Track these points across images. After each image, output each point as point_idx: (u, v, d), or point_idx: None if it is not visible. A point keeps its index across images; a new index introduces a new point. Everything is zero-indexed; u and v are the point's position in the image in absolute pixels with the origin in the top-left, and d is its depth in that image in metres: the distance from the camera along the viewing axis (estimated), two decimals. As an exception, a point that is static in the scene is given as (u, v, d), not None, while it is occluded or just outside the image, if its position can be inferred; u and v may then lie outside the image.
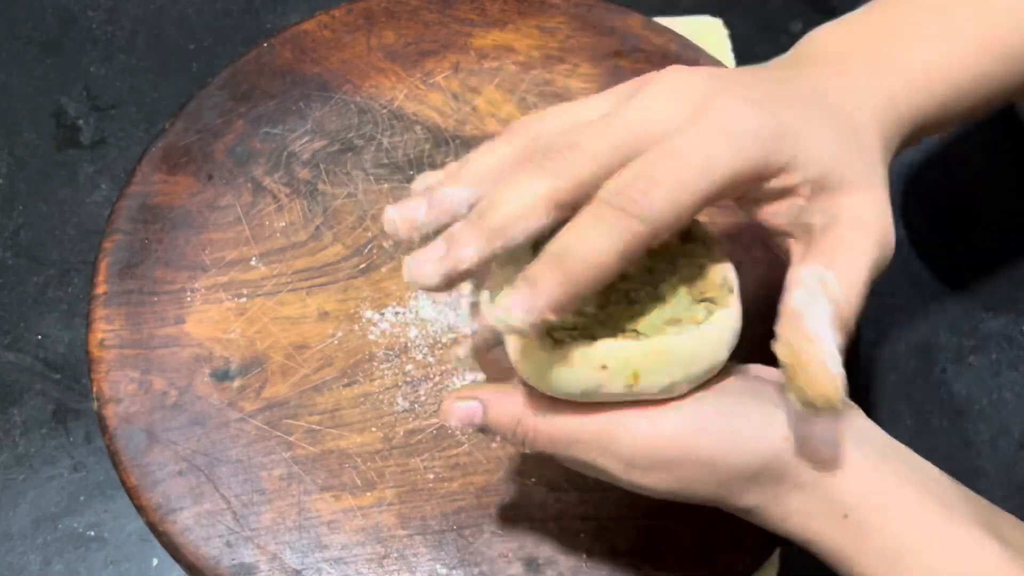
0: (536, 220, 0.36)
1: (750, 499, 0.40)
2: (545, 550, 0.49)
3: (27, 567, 0.52)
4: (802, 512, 0.40)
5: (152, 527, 0.50)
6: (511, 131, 0.40)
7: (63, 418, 0.56)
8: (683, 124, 0.37)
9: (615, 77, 0.58)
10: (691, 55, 0.60)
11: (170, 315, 0.54)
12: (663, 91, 0.38)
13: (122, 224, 0.56)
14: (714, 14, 0.66)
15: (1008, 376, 0.58)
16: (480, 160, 0.40)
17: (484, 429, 0.41)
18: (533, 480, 0.50)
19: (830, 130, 0.39)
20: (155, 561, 0.52)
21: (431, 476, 0.51)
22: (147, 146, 0.59)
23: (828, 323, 0.36)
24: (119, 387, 0.52)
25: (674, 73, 0.38)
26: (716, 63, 0.60)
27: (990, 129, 0.64)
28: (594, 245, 0.35)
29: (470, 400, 0.41)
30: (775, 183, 0.38)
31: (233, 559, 0.49)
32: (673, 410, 0.39)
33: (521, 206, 0.36)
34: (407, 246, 0.40)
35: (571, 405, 0.39)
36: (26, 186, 0.62)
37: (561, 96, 0.59)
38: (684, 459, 0.39)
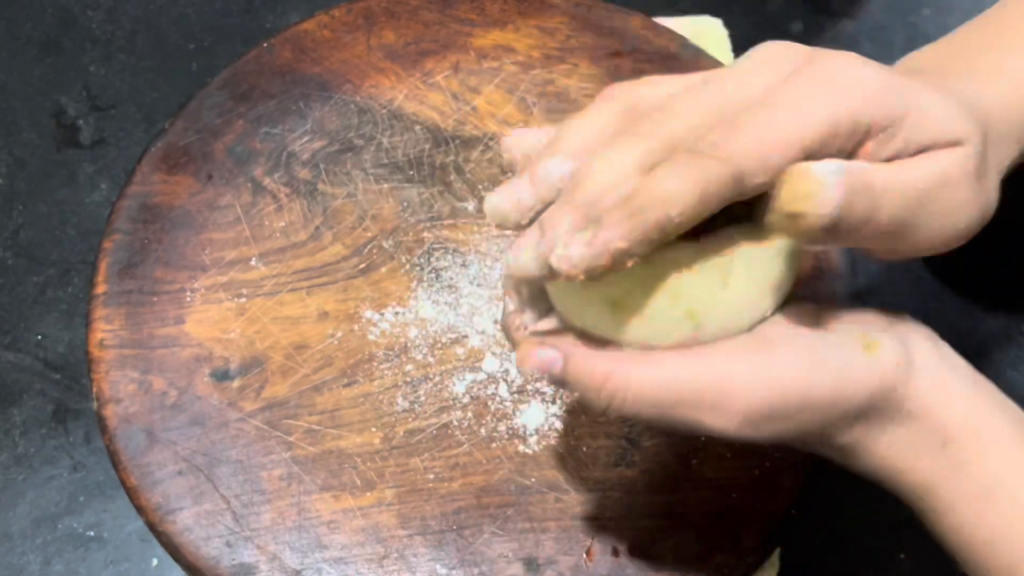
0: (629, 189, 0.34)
1: (851, 436, 0.38)
2: (545, 550, 0.49)
3: (27, 567, 0.52)
4: (901, 443, 0.38)
5: (152, 527, 0.50)
6: (605, 98, 0.38)
7: (63, 418, 0.56)
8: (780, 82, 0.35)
9: (615, 77, 0.58)
10: (691, 55, 0.60)
11: (170, 315, 0.54)
12: (763, 56, 0.36)
13: (122, 224, 0.56)
14: (714, 14, 0.66)
15: (1008, 376, 0.58)
16: (577, 131, 0.37)
17: (562, 382, 0.37)
18: (533, 480, 0.50)
19: (943, 95, 0.37)
20: (155, 561, 0.52)
21: (431, 476, 0.51)
22: (147, 146, 0.59)
23: (836, 166, 0.34)
24: (119, 387, 0.52)
25: (775, 43, 0.37)
26: (716, 63, 0.60)
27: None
28: (668, 187, 0.33)
29: (549, 348, 0.37)
30: (880, 148, 0.36)
31: (233, 559, 0.49)
32: (780, 354, 0.36)
33: (613, 176, 0.34)
34: (512, 228, 0.38)
35: (667, 355, 0.36)
36: (26, 186, 0.62)
37: (561, 96, 0.59)
38: (802, 404, 0.36)
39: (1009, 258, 0.60)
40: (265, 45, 0.61)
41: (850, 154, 0.36)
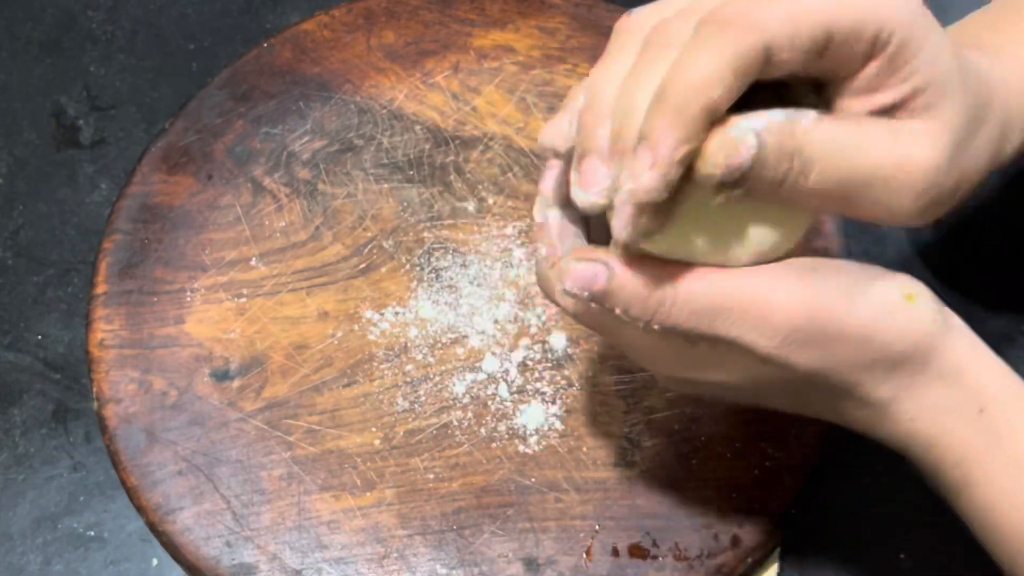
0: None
1: (885, 390, 0.37)
2: (545, 550, 0.49)
3: (27, 567, 0.52)
4: (935, 407, 0.37)
5: (152, 527, 0.50)
6: (622, 32, 0.37)
7: (63, 418, 0.56)
8: None
9: (615, 77, 0.58)
10: (691, 55, 0.60)
11: (170, 315, 0.54)
12: None
13: (122, 224, 0.56)
14: (714, 14, 0.66)
15: (1008, 376, 0.58)
16: (606, 80, 0.36)
17: (603, 298, 0.36)
18: (533, 480, 0.50)
19: (952, 57, 0.35)
20: (155, 561, 0.52)
21: (431, 476, 0.51)
22: (147, 146, 0.59)
23: (766, 120, 0.33)
24: (119, 387, 0.52)
25: None
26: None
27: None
28: (701, 64, 0.32)
29: (592, 262, 0.36)
30: (880, 77, 0.34)
31: (233, 559, 0.49)
32: (824, 280, 0.36)
33: (640, 99, 0.33)
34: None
35: (713, 270, 0.36)
36: (26, 186, 0.62)
37: (561, 96, 0.59)
38: (841, 332, 0.36)
39: (1009, 258, 0.60)
40: (265, 45, 0.61)
41: (847, 66, 0.35)
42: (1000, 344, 0.58)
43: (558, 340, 0.53)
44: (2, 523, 0.53)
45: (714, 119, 0.32)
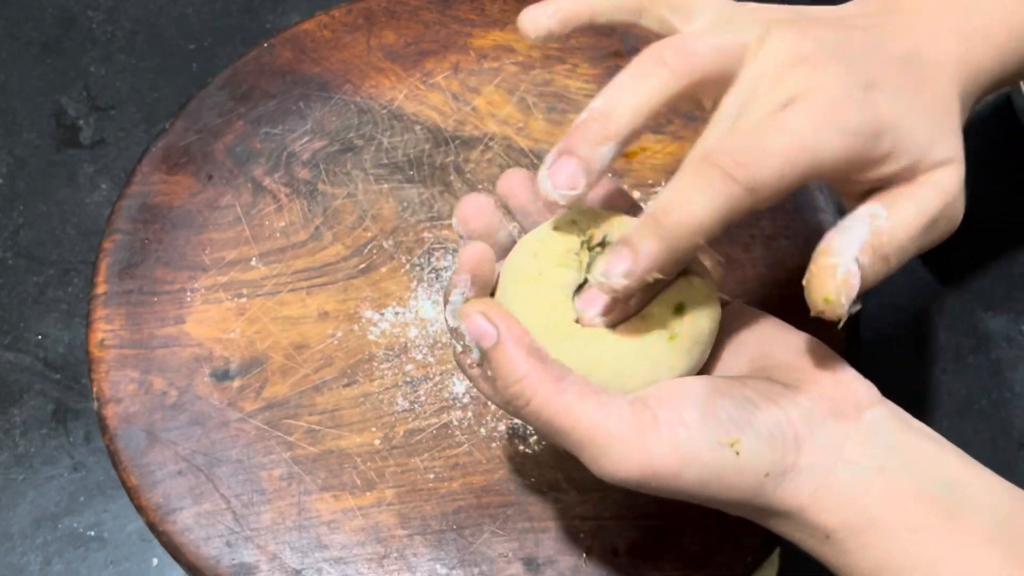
0: (647, 107, 0.37)
1: (739, 512, 0.40)
2: (545, 550, 0.49)
3: (27, 567, 0.52)
4: (787, 531, 0.40)
5: (152, 527, 0.50)
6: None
7: (63, 418, 0.56)
8: (786, 93, 0.37)
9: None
10: (691, 55, 0.60)
11: (170, 315, 0.54)
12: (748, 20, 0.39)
13: (122, 224, 0.56)
14: (714, 14, 0.66)
15: (1008, 376, 0.58)
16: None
17: (485, 359, 0.38)
18: (533, 480, 0.50)
19: (924, 116, 0.39)
20: (155, 561, 0.52)
21: (431, 476, 0.51)
22: (147, 146, 0.59)
23: (857, 242, 0.37)
24: (119, 387, 0.52)
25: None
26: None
27: (989, 128, 0.64)
28: (696, 208, 0.35)
29: (491, 323, 0.38)
30: (870, 174, 0.38)
31: (233, 559, 0.49)
32: (660, 434, 0.38)
33: (631, 105, 0.38)
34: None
35: (579, 390, 0.38)
36: (26, 186, 0.62)
37: (561, 96, 0.59)
38: (674, 489, 0.38)
39: (1009, 258, 0.60)
40: (265, 45, 0.61)
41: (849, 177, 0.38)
42: (1000, 344, 0.58)
43: (558, 340, 0.53)
44: (2, 523, 0.53)
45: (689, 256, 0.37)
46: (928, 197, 0.39)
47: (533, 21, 0.42)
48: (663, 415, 0.38)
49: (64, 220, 0.61)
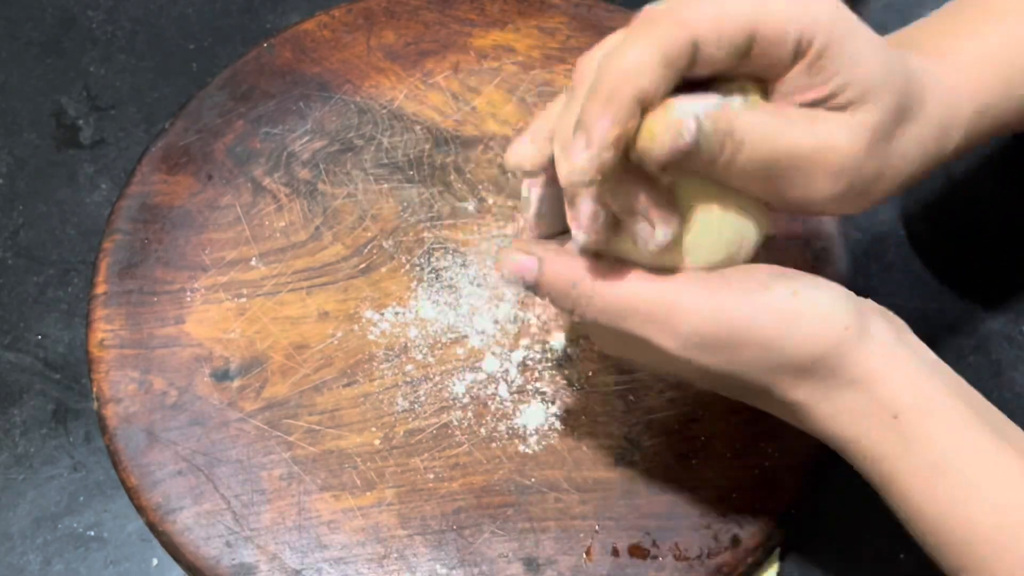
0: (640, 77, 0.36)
1: (799, 393, 0.39)
2: (545, 550, 0.49)
3: (27, 567, 0.52)
4: (851, 411, 0.39)
5: (152, 527, 0.50)
6: (573, 84, 0.40)
7: (63, 418, 0.56)
8: None
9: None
10: (691, 55, 0.60)
11: (170, 315, 0.54)
12: None
13: (122, 224, 0.56)
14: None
15: (1008, 376, 0.58)
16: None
17: (535, 287, 0.40)
18: (533, 480, 0.50)
19: (880, 53, 0.38)
20: (155, 561, 0.52)
21: (431, 476, 0.51)
22: (147, 146, 0.59)
23: (703, 106, 0.35)
24: (119, 387, 0.52)
25: None
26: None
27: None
28: (630, 56, 0.34)
29: (527, 254, 0.40)
30: (803, 76, 0.37)
31: (233, 559, 0.49)
32: (736, 286, 0.38)
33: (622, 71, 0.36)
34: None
35: (633, 272, 0.38)
36: (26, 186, 0.62)
37: (561, 96, 0.59)
38: (744, 339, 0.38)
39: (1009, 258, 0.60)
40: (265, 45, 0.61)
41: (773, 69, 0.37)
42: (1000, 344, 0.58)
43: (558, 340, 0.54)
44: (2, 523, 0.53)
45: (645, 106, 0.35)
46: (796, 119, 0.37)
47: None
48: (732, 275, 0.38)
49: (64, 220, 0.61)
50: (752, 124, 0.36)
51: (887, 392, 0.38)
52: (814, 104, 0.37)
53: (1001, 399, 0.58)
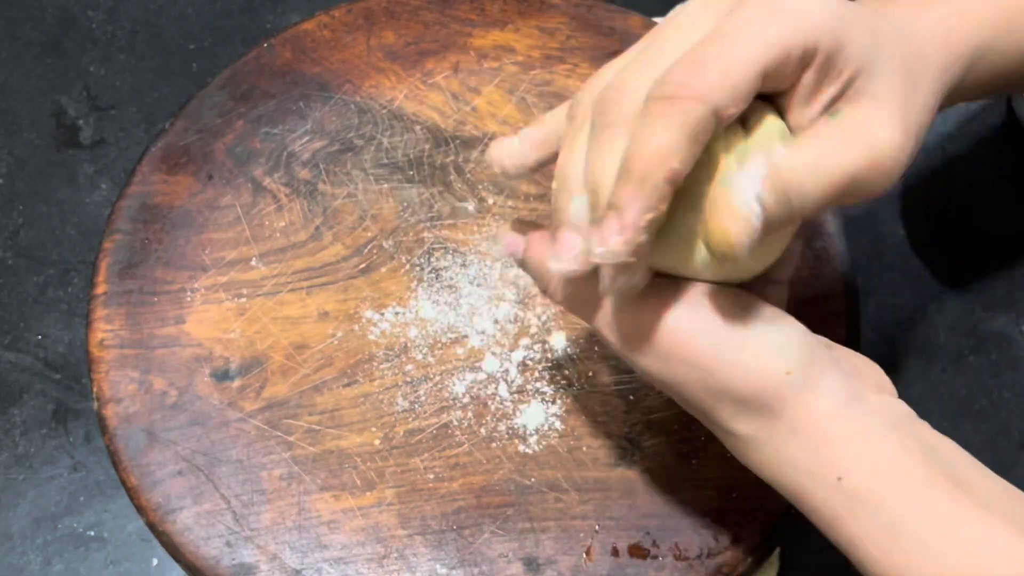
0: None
1: (742, 425, 0.39)
2: (545, 550, 0.49)
3: (27, 567, 0.52)
4: (794, 464, 0.38)
5: (152, 527, 0.50)
6: (570, 105, 0.40)
7: (63, 418, 0.56)
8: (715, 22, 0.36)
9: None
10: (691, 55, 0.60)
11: (170, 315, 0.54)
12: (695, 6, 0.38)
13: (122, 224, 0.56)
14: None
15: (1008, 376, 0.58)
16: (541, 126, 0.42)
17: (522, 264, 0.42)
18: (533, 480, 0.50)
19: (883, 40, 0.38)
20: (155, 561, 0.52)
21: (431, 476, 0.51)
22: (147, 146, 0.59)
23: (754, 179, 0.35)
24: (119, 387, 0.52)
25: None
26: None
27: (989, 129, 0.64)
28: (657, 140, 0.34)
29: (518, 235, 0.42)
30: (818, 81, 0.37)
31: (233, 559, 0.49)
32: (686, 303, 0.38)
33: (604, 168, 0.37)
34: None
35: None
36: (26, 186, 0.62)
37: (561, 96, 0.59)
38: (678, 355, 0.38)
39: (1009, 258, 0.60)
40: (265, 45, 0.61)
41: (784, 80, 0.37)
42: (1000, 344, 0.58)
43: (558, 340, 0.54)
44: (2, 523, 0.53)
45: (675, 185, 0.35)
46: (837, 137, 0.37)
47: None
48: (701, 291, 0.39)
49: (64, 220, 0.61)
50: (807, 170, 0.36)
51: (829, 451, 0.37)
52: (833, 100, 0.37)
53: (1001, 399, 0.58)
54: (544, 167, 0.42)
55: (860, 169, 0.36)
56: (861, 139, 0.37)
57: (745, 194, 0.35)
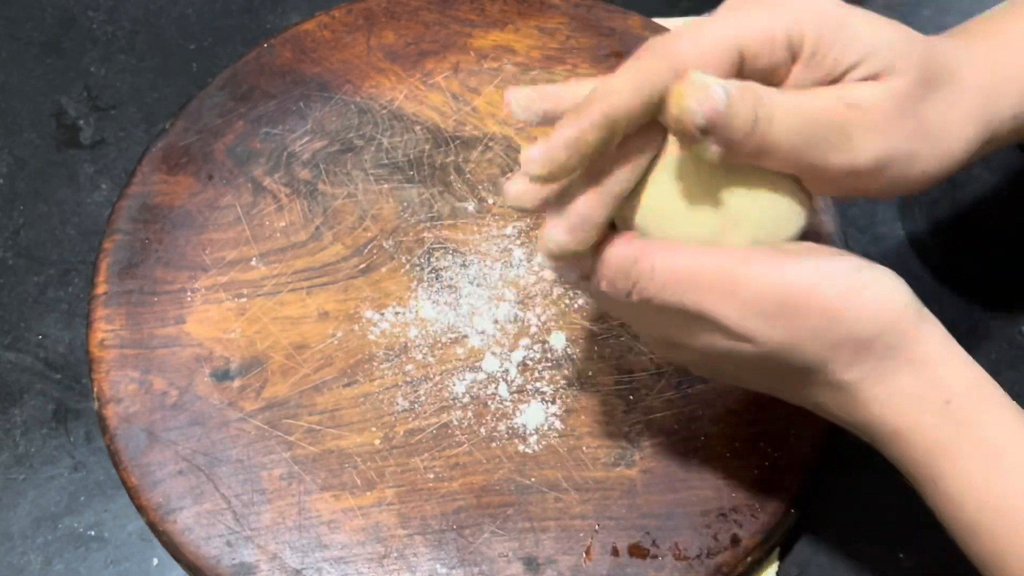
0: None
1: (854, 372, 0.38)
2: (545, 550, 0.49)
3: (27, 567, 0.52)
4: (904, 394, 0.38)
5: (152, 527, 0.50)
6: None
7: (63, 418, 0.56)
8: None
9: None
10: (691, 55, 0.60)
11: (170, 315, 0.54)
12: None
13: (122, 224, 0.56)
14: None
15: (1008, 376, 0.57)
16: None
17: (598, 264, 0.40)
18: (533, 480, 0.51)
19: (889, 31, 0.39)
20: (155, 561, 0.52)
21: (431, 476, 0.51)
22: (147, 146, 0.59)
23: (733, 84, 0.36)
24: (119, 387, 0.52)
25: None
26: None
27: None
28: (610, 84, 0.36)
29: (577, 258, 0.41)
30: (805, 72, 0.38)
31: (233, 559, 0.49)
32: (799, 257, 0.38)
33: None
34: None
35: (690, 246, 0.38)
36: (26, 186, 0.62)
37: (561, 96, 0.59)
38: (807, 307, 0.37)
39: (1009, 258, 0.60)
40: (265, 45, 0.61)
41: (776, 74, 0.38)
42: (1000, 344, 0.58)
43: (558, 340, 0.54)
44: (2, 523, 0.53)
45: (613, 127, 0.36)
46: (827, 94, 0.38)
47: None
48: (791, 248, 0.38)
49: (64, 220, 0.61)
50: (780, 97, 0.37)
51: (942, 376, 0.38)
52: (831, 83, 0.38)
53: (1001, 399, 0.58)
54: (549, 123, 0.42)
55: (835, 113, 0.37)
56: (845, 93, 0.38)
57: (709, 78, 0.36)
